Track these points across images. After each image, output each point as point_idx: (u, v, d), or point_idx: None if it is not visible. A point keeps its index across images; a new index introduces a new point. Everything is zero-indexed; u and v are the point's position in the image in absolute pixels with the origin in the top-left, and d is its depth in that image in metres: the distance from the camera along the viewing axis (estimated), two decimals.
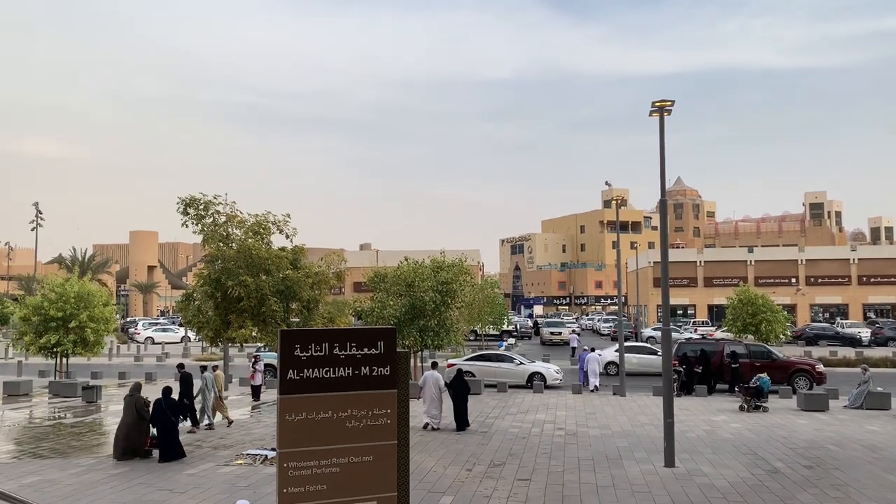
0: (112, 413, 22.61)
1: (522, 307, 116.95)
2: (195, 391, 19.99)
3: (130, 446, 15.69)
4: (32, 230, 65.72)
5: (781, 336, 38.75)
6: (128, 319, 77.95)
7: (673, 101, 15.53)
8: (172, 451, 15.37)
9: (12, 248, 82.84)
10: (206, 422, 19.78)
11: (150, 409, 15.96)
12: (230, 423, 20.12)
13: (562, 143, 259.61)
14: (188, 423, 19.25)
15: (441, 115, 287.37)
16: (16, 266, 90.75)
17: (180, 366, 21.02)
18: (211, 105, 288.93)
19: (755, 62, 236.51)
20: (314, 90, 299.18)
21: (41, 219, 65.60)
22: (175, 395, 17.78)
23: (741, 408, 22.74)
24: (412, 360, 28.33)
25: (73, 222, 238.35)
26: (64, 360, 27.57)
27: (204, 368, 20.76)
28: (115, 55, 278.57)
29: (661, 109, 15.69)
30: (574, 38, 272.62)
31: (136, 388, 16.75)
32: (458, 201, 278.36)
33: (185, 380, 19.62)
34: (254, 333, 18.90)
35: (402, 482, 6.49)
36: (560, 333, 55.22)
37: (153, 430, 15.79)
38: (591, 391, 27.64)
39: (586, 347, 35.40)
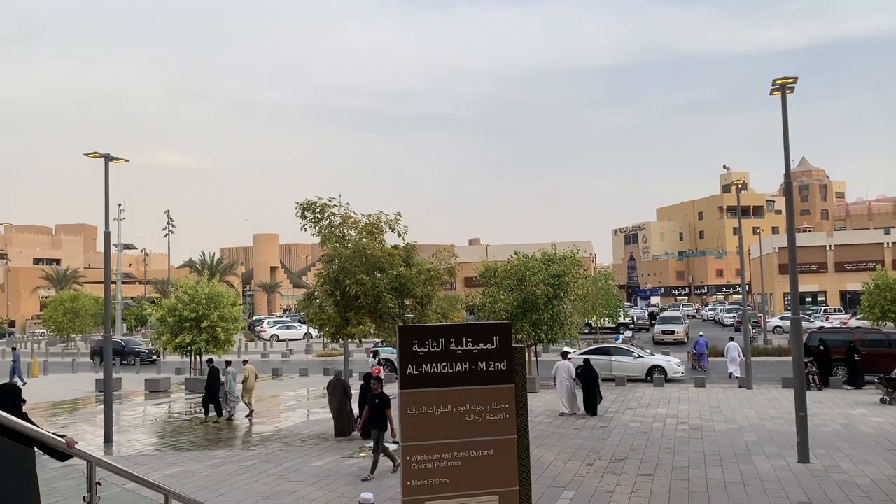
0: (242, 408, 23.77)
1: (639, 299, 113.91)
2: (228, 383, 21.81)
3: (346, 425, 17.97)
4: (165, 237, 70.23)
5: None
6: (254, 318, 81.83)
7: (795, 78, 14.70)
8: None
9: (148, 254, 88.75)
10: (226, 413, 21.66)
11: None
12: (250, 413, 21.77)
13: (673, 128, 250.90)
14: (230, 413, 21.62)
15: (545, 106, 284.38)
16: (151, 271, 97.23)
17: (209, 361, 22.93)
18: (320, 109, 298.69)
19: (885, 28, 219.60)
20: (417, 89, 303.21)
21: (173, 226, 70.03)
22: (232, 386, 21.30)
23: (882, 400, 21.27)
24: (527, 355, 28.24)
25: (202, 228, 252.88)
26: (198, 357, 29.29)
27: (228, 364, 22.38)
28: (227, 67, 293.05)
29: (783, 87, 14.87)
30: (682, 16, 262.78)
31: (339, 374, 19.14)
32: (567, 193, 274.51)
33: (212, 374, 21.57)
34: (372, 329, 19.46)
35: (523, 476, 6.47)
36: (674, 332, 46.23)
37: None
38: (729, 376, 28.48)
39: (702, 333, 35.82)
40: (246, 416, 21.54)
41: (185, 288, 28.31)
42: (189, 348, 27.86)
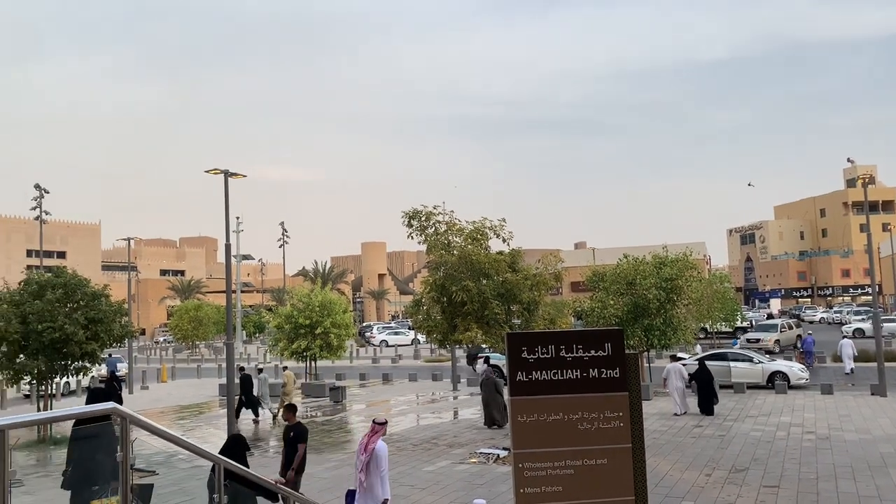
0: (355, 412, 24.37)
1: (757, 301, 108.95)
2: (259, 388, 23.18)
3: (491, 416, 19.01)
4: (280, 247, 73.33)
5: None
6: (363, 324, 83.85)
7: None
8: None
9: (264, 264, 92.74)
10: (261, 415, 23.06)
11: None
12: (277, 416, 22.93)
13: (789, 122, 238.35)
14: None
15: (654, 105, 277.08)
16: (268, 280, 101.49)
17: (241, 368, 23.87)
18: (424, 119, 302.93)
19: None
20: (517, 93, 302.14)
21: (287, 237, 72.91)
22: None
23: None
24: (640, 361, 27.53)
25: (313, 237, 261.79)
26: (313, 363, 30.30)
27: (260, 370, 24.01)
28: (336, 81, 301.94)
29: None
30: (797, 1, 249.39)
31: (490, 371, 19.81)
32: (678, 193, 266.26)
33: (245, 380, 22.61)
34: (479, 336, 19.52)
35: (639, 486, 6.30)
36: (759, 341, 42.03)
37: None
38: (847, 373, 29.52)
39: (810, 332, 35.83)
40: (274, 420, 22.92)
41: (300, 296, 29.41)
42: (304, 354, 28.87)
